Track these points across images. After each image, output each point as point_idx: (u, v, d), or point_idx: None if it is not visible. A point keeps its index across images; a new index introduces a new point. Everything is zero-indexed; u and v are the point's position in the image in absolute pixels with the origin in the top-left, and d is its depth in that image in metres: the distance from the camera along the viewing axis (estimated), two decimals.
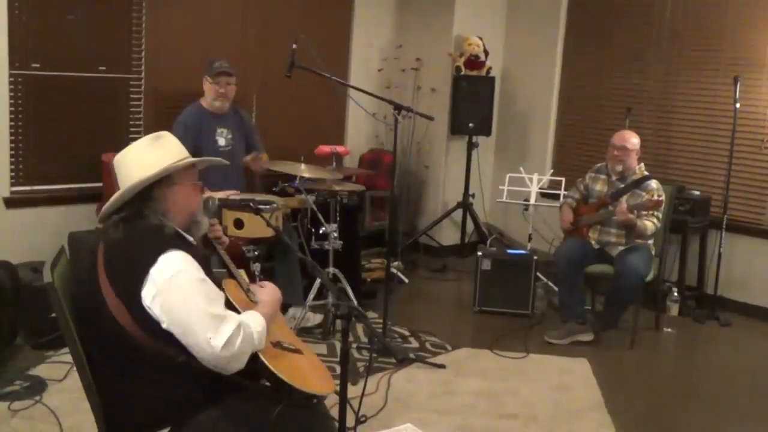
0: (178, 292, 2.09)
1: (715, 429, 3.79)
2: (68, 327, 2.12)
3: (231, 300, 2.32)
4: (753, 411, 4.02)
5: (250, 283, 2.54)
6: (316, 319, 4.68)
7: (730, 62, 5.48)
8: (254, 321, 2.21)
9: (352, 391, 2.37)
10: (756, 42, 5.37)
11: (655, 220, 4.63)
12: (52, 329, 3.89)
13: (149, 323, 2.10)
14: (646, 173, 4.81)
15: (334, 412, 2.31)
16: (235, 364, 2.13)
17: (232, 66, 4.69)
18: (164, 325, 2.09)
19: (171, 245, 2.16)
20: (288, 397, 2.22)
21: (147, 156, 2.27)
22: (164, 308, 2.08)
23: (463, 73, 6.37)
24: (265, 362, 2.21)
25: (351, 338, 2.73)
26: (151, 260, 2.11)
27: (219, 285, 2.32)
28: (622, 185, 4.79)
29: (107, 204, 2.25)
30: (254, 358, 2.20)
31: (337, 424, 2.26)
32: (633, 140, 4.78)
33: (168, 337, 2.10)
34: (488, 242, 6.37)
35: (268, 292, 2.45)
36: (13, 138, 4.83)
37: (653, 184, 4.70)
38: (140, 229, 2.21)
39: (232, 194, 4.42)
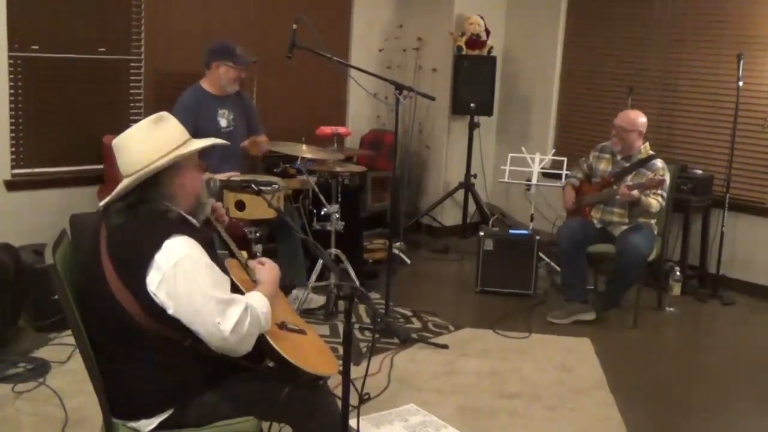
0: (183, 278, 2.07)
1: (718, 407, 3.80)
2: (71, 309, 2.12)
3: (235, 281, 2.31)
4: (755, 389, 4.02)
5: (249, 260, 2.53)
6: (318, 300, 4.68)
7: (733, 40, 5.43)
8: (259, 302, 2.21)
9: (355, 371, 2.37)
10: (760, 19, 5.32)
11: (659, 199, 4.60)
12: (55, 311, 3.89)
13: (155, 309, 2.10)
14: (651, 152, 4.78)
15: (337, 393, 2.31)
16: (243, 347, 2.14)
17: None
18: (170, 311, 2.08)
19: (175, 230, 2.14)
20: (294, 379, 2.23)
21: (150, 139, 2.22)
22: (170, 294, 2.07)
23: (464, 52, 6.33)
24: (272, 344, 2.22)
25: (353, 319, 2.72)
26: (156, 246, 2.09)
27: (223, 267, 2.31)
28: (627, 164, 4.77)
29: (113, 193, 2.21)
30: (260, 339, 2.20)
31: (340, 404, 2.26)
32: (637, 120, 4.71)
33: (174, 323, 2.10)
34: (490, 222, 6.36)
35: (267, 270, 2.43)
36: (13, 120, 4.80)
37: (658, 163, 4.67)
38: (144, 214, 2.18)
39: (233, 176, 4.42)
